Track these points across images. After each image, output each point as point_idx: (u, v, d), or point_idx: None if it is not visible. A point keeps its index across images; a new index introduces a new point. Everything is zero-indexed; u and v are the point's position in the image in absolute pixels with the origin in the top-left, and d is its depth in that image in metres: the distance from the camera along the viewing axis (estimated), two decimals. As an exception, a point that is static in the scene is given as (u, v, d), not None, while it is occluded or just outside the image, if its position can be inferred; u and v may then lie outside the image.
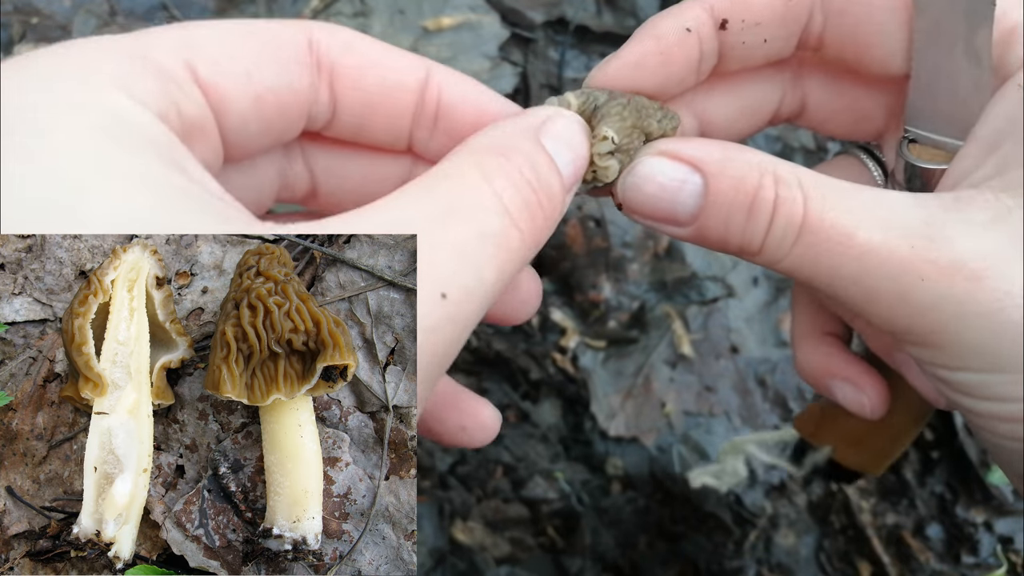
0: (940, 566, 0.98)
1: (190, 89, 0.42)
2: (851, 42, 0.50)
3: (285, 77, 0.45)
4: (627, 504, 0.99)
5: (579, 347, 1.05)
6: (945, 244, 0.42)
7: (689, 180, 0.46)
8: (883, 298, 0.44)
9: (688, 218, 0.47)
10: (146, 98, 0.39)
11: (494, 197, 0.41)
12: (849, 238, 0.43)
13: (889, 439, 0.74)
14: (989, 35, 0.45)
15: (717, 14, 0.49)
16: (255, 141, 0.47)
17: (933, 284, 0.42)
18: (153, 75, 0.40)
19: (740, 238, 0.46)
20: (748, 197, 0.45)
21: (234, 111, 0.44)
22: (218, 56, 0.43)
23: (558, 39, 1.14)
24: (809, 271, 0.45)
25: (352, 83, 0.48)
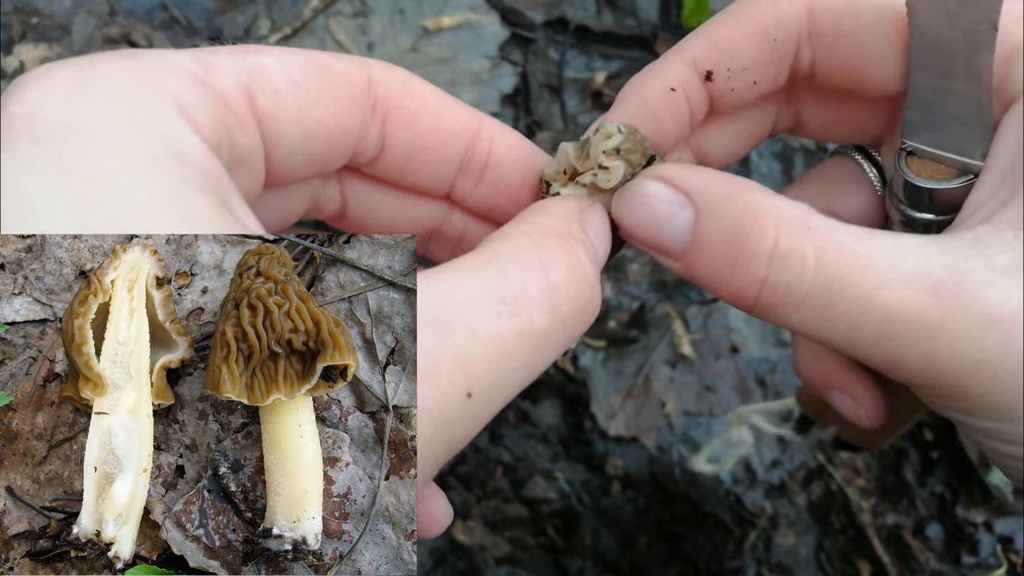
0: (940, 566, 0.98)
1: (246, 119, 0.42)
2: (845, 71, 0.49)
3: (338, 114, 0.45)
4: (627, 504, 0.99)
5: (579, 347, 1.05)
6: (971, 300, 0.40)
7: (680, 213, 0.43)
8: (908, 361, 0.41)
9: (677, 252, 0.44)
10: (203, 126, 0.39)
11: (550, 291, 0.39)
12: (871, 301, 0.40)
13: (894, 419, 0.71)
14: (990, 59, 0.44)
15: (700, 67, 0.48)
16: (299, 171, 0.47)
17: (962, 345, 0.40)
18: (214, 102, 0.40)
19: (728, 287, 0.42)
20: (738, 243, 0.41)
21: (284, 143, 0.44)
22: (278, 87, 0.43)
23: (558, 39, 1.14)
24: (823, 332, 0.42)
25: (405, 125, 0.47)
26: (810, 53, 0.48)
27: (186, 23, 1.12)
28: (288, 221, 0.53)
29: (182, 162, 0.36)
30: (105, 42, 1.08)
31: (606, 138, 0.46)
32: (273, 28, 1.13)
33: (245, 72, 0.42)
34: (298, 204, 0.52)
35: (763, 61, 0.48)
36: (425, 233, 0.55)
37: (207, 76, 0.40)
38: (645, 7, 1.16)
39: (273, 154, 0.44)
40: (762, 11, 0.47)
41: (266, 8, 1.14)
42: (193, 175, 0.36)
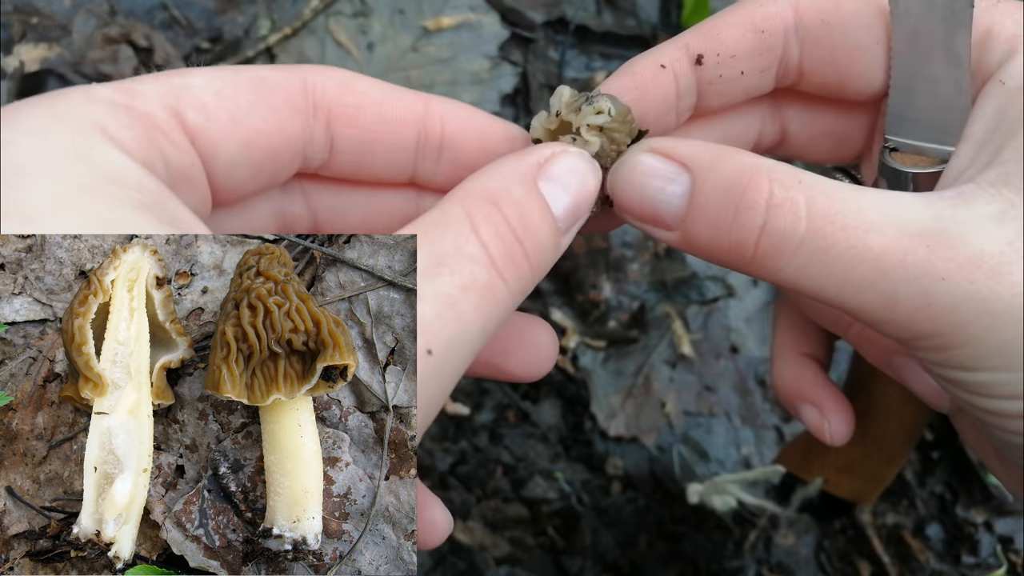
0: (940, 566, 0.98)
1: (177, 137, 0.43)
2: (831, 65, 0.50)
3: (275, 121, 0.46)
4: (627, 504, 0.99)
5: (579, 347, 1.05)
6: (960, 241, 0.42)
7: (676, 179, 0.45)
8: (902, 303, 0.42)
9: (674, 219, 0.45)
10: (131, 146, 0.39)
11: (480, 248, 0.41)
12: (862, 243, 0.41)
13: (883, 461, 0.72)
14: (968, 38, 0.46)
15: (692, 51, 0.50)
16: (246, 185, 0.47)
17: (954, 283, 0.41)
18: (139, 125, 0.41)
19: (728, 242, 0.44)
20: (735, 196, 0.43)
21: (222, 156, 0.45)
22: (206, 102, 0.44)
23: (558, 39, 1.14)
24: (816, 281, 0.43)
25: (350, 121, 0.48)
26: (797, 50, 0.50)
27: (186, 23, 1.12)
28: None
29: (115, 183, 0.37)
30: (105, 42, 1.08)
31: (595, 113, 0.47)
32: (273, 28, 1.13)
33: (169, 93, 0.43)
34: (263, 225, 0.52)
35: (750, 50, 0.50)
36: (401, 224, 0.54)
37: (130, 101, 0.41)
38: (645, 7, 1.16)
39: (214, 169, 0.45)
40: (750, 8, 0.50)
41: (266, 8, 1.14)
42: (128, 194, 0.38)
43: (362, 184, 0.52)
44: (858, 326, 0.59)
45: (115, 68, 1.07)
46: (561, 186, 0.45)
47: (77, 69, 1.07)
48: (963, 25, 0.46)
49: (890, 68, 0.49)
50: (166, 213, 0.39)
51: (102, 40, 1.08)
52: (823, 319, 0.62)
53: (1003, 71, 0.46)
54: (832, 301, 0.44)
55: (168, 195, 0.40)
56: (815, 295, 0.44)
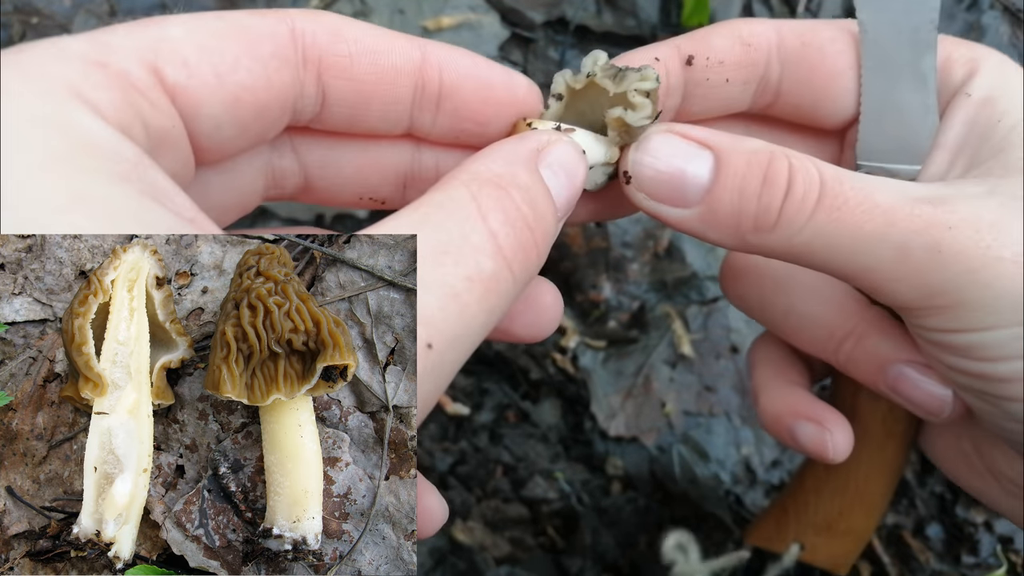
0: (940, 566, 0.98)
1: (156, 97, 0.40)
2: (807, 87, 0.52)
3: (262, 75, 0.43)
4: (627, 504, 0.99)
5: (579, 347, 1.05)
6: (959, 204, 0.45)
7: (700, 155, 0.47)
8: (914, 253, 0.44)
9: (698, 194, 0.47)
10: (107, 110, 0.37)
11: (489, 237, 0.39)
12: (871, 199, 0.45)
13: (864, 513, 0.70)
14: (934, 59, 0.50)
15: (683, 52, 0.51)
16: (232, 143, 0.45)
17: (961, 232, 0.44)
18: (115, 85, 0.38)
19: (756, 208, 0.46)
20: (762, 167, 0.46)
21: (206, 115, 0.42)
22: (187, 57, 0.40)
23: (558, 39, 1.14)
24: (830, 238, 0.45)
25: (342, 73, 0.45)
26: (778, 69, 0.52)
27: (186, 23, 1.12)
28: (247, 203, 0.51)
29: (90, 153, 0.34)
30: (105, 42, 1.09)
31: (642, 80, 0.47)
32: (273, 28, 1.13)
33: (148, 48, 0.39)
34: (251, 182, 0.50)
35: (737, 59, 0.51)
36: (398, 180, 0.53)
37: (104, 57, 0.38)
38: (645, 7, 1.16)
39: (197, 129, 0.42)
40: (738, 24, 0.52)
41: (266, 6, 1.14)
42: (104, 164, 0.34)
43: (355, 137, 0.50)
44: (849, 344, 0.59)
45: (115, 68, 1.07)
46: (558, 173, 0.45)
47: (77, 69, 1.07)
48: (929, 47, 0.50)
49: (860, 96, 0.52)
50: (145, 184, 0.36)
51: (102, 40, 1.08)
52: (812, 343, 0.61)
53: (968, 86, 0.50)
54: (845, 260, 0.46)
55: (147, 163, 0.37)
56: (828, 256, 0.46)
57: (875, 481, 0.68)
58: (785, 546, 0.73)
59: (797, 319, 0.60)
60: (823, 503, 0.70)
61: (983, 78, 0.51)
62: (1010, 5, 1.15)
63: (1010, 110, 0.49)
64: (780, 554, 0.73)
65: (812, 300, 0.58)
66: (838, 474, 0.69)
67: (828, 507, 0.70)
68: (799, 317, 0.60)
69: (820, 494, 0.70)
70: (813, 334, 0.60)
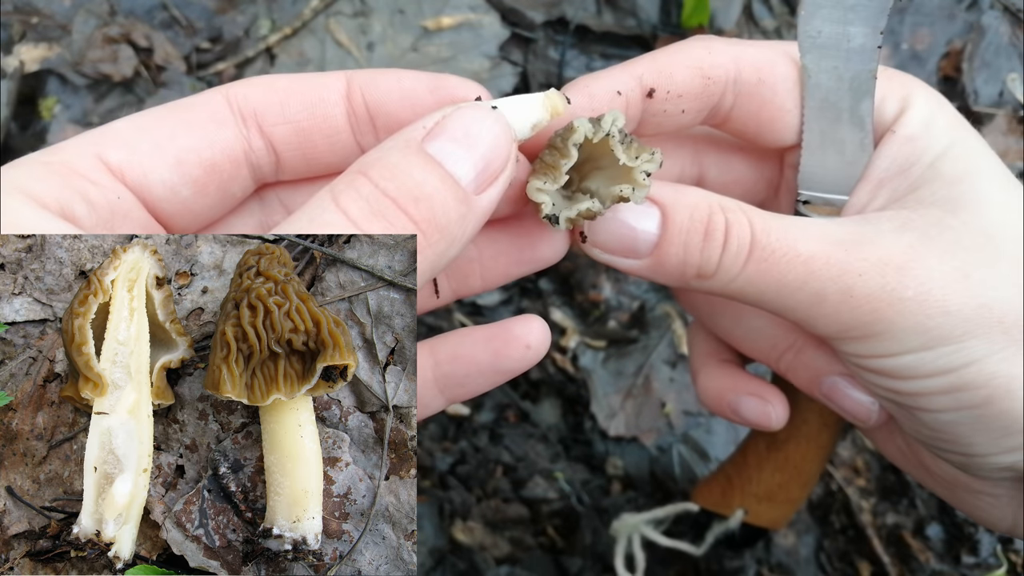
0: (940, 566, 0.98)
1: (99, 176, 0.45)
2: (754, 119, 0.56)
3: (202, 135, 0.48)
4: (627, 504, 0.99)
5: (579, 347, 1.05)
6: (870, 246, 0.50)
7: (647, 212, 0.52)
8: (829, 297, 0.50)
9: (647, 248, 0.52)
10: (47, 199, 0.42)
11: (339, 213, 0.42)
12: (794, 250, 0.50)
13: (800, 485, 0.77)
14: (871, 104, 0.54)
15: (645, 83, 0.53)
16: (197, 204, 0.49)
17: (869, 278, 0.50)
18: (56, 175, 0.43)
19: (698, 260, 0.51)
20: (703, 224, 0.51)
21: (156, 181, 0.47)
22: (126, 138, 0.46)
23: (558, 39, 1.14)
24: (759, 286, 0.51)
25: (279, 119, 0.50)
26: (731, 99, 0.55)
27: (186, 23, 1.12)
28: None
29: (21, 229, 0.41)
30: (105, 42, 1.08)
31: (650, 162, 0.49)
32: (273, 28, 1.13)
33: (91, 141, 0.46)
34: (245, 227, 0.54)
35: (696, 93, 0.54)
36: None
37: (50, 157, 0.45)
38: (645, 7, 1.16)
39: (153, 195, 0.47)
40: (699, 54, 0.54)
41: (266, 8, 1.14)
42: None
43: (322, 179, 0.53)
44: (789, 355, 0.64)
45: (115, 68, 1.07)
46: (457, 143, 0.45)
47: (77, 69, 1.07)
48: (867, 94, 0.54)
49: (801, 129, 0.56)
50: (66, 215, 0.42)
51: (102, 40, 1.08)
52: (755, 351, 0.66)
53: (897, 123, 0.55)
54: (772, 303, 0.52)
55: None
56: (758, 300, 0.52)
57: (811, 460, 0.75)
58: (731, 510, 0.80)
59: (743, 331, 0.65)
60: (764, 478, 0.78)
61: (911, 115, 0.55)
62: (1010, 5, 1.15)
63: (929, 147, 0.54)
64: (725, 516, 0.81)
65: (757, 315, 0.63)
66: (778, 453, 0.76)
67: (769, 481, 0.78)
68: (745, 329, 0.65)
69: (762, 470, 0.78)
70: (757, 344, 0.65)
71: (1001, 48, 1.15)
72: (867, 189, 0.56)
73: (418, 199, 0.43)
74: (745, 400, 0.67)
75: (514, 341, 0.52)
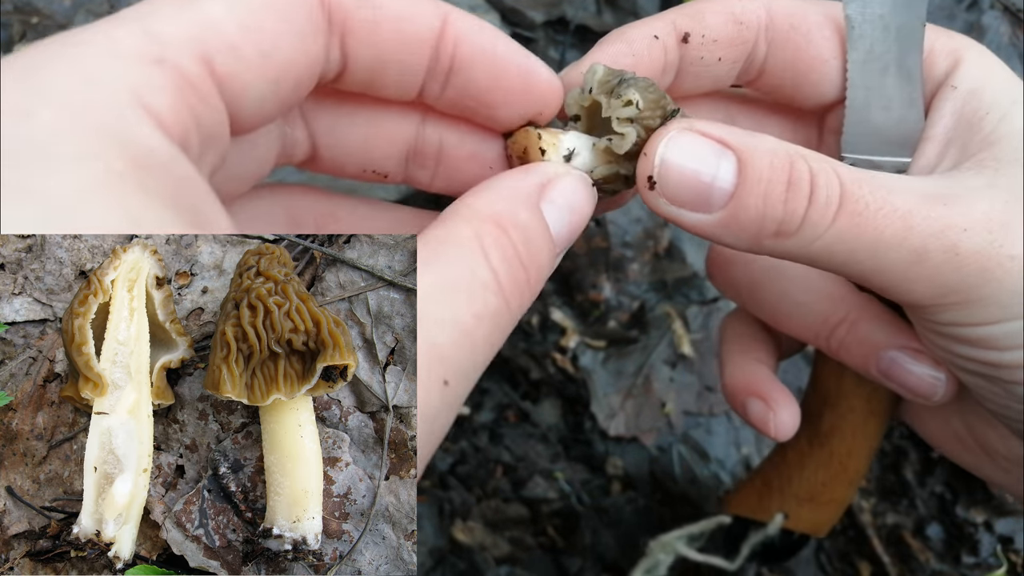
0: (940, 566, 0.98)
1: (209, 92, 0.39)
2: (790, 70, 0.53)
3: (301, 48, 0.42)
4: (627, 504, 0.99)
5: (579, 347, 1.05)
6: (968, 202, 0.46)
7: (722, 159, 0.46)
8: (932, 256, 0.46)
9: (722, 199, 0.46)
10: (167, 118, 0.36)
11: (492, 275, 0.40)
12: (890, 204, 0.45)
13: (847, 483, 0.72)
14: (920, 55, 0.51)
15: (679, 29, 0.51)
16: (268, 116, 0.44)
17: (975, 234, 0.46)
18: (173, 86, 0.36)
19: (780, 213, 0.46)
20: (785, 171, 0.45)
21: (251, 96, 0.41)
22: (233, 40, 0.39)
23: (558, 39, 1.14)
24: (850, 243, 0.46)
25: (365, 39, 0.45)
26: (765, 49, 0.52)
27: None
28: (262, 172, 0.51)
29: (148, 172, 0.33)
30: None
31: (623, 105, 0.46)
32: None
33: (196, 37, 0.38)
34: (267, 152, 0.49)
35: (730, 38, 0.51)
36: (401, 155, 0.53)
37: (160, 53, 0.36)
38: (645, 7, 1.16)
39: (240, 112, 0.41)
40: (730, 1, 0.52)
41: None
42: (160, 185, 0.34)
43: (365, 102, 0.50)
44: (842, 329, 0.59)
45: (115, 68, 1.07)
46: (561, 209, 0.45)
47: (77, 69, 1.07)
48: (916, 45, 0.51)
49: (843, 85, 0.53)
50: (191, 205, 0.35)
51: (102, 40, 1.08)
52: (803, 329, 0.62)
53: (953, 78, 0.51)
54: (863, 263, 0.47)
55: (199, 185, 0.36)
56: (846, 260, 0.47)
57: (857, 455, 0.70)
58: (769, 515, 0.74)
59: (789, 306, 0.61)
60: (807, 476, 0.72)
61: (967, 70, 0.52)
62: (1010, 5, 1.15)
63: (996, 101, 0.51)
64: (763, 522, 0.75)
65: (804, 287, 0.59)
66: (822, 449, 0.71)
67: (812, 480, 0.72)
68: (791, 304, 0.60)
69: (803, 468, 0.72)
70: (805, 320, 0.61)
71: (1001, 48, 1.15)
72: (934, 148, 0.52)
73: (538, 271, 0.43)
74: (753, 402, 0.64)
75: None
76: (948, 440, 0.64)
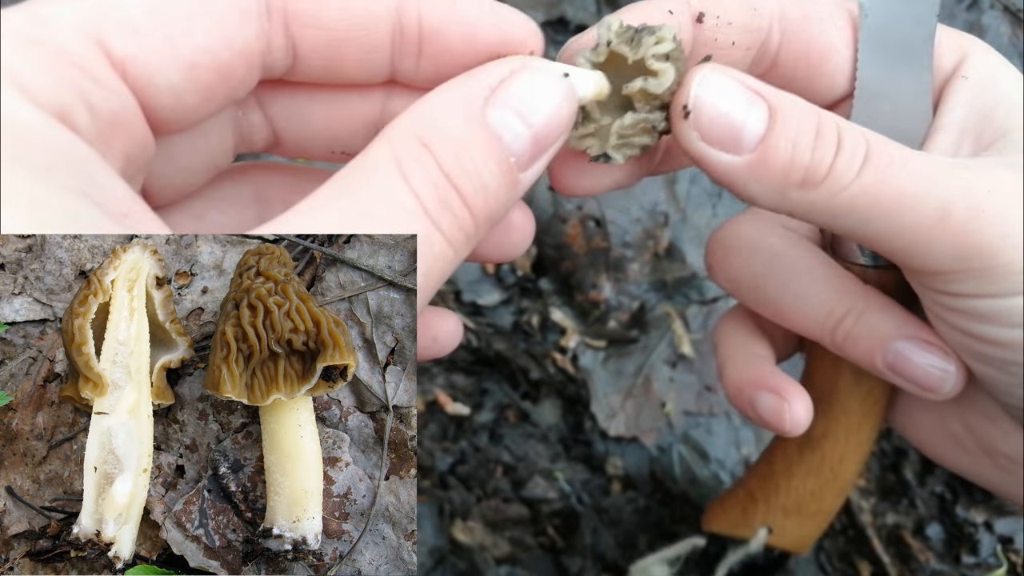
0: (940, 566, 0.98)
1: (102, 74, 0.36)
2: (803, 60, 0.52)
3: (220, 34, 0.39)
4: (627, 504, 0.99)
5: (579, 347, 1.05)
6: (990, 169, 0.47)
7: (755, 102, 0.46)
8: (956, 213, 0.45)
9: (753, 141, 0.45)
10: (43, 96, 0.34)
11: (413, 198, 0.37)
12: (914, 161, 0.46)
13: (836, 492, 0.68)
14: (932, 44, 0.51)
15: (694, 8, 0.49)
16: (196, 112, 0.41)
17: (1001, 195, 0.45)
18: (53, 65, 0.34)
19: (808, 160, 0.45)
20: (814, 124, 0.46)
21: (163, 86, 0.38)
22: (136, 23, 0.37)
23: (558, 39, 1.14)
24: (874, 196, 0.45)
25: (311, 21, 0.41)
26: (779, 37, 0.52)
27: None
28: (219, 163, 0.48)
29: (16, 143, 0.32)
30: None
31: (658, 42, 0.44)
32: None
33: (91, 18, 0.36)
34: (220, 142, 0.47)
35: (745, 22, 0.50)
36: (368, 132, 0.49)
37: (41, 33, 0.35)
38: (645, 7, 1.16)
39: (154, 102, 0.38)
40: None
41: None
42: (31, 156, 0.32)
43: (332, 88, 0.47)
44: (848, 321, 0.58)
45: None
46: (517, 113, 0.40)
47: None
48: (929, 35, 0.51)
49: (853, 75, 0.52)
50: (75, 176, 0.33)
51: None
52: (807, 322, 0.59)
53: (963, 68, 0.52)
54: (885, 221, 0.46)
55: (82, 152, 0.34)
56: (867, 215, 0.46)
57: (849, 461, 0.67)
58: (752, 531, 0.70)
59: (791, 299, 0.59)
60: (795, 485, 0.68)
61: (975, 62, 0.52)
62: (1010, 5, 1.15)
63: (1006, 93, 0.51)
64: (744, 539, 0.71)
65: (809, 278, 0.58)
66: (813, 454, 0.67)
67: (800, 489, 0.68)
68: (793, 297, 0.58)
69: (792, 476, 0.68)
70: (809, 313, 0.59)
71: (1001, 48, 1.15)
72: (948, 138, 0.52)
73: (477, 190, 0.38)
74: (762, 396, 0.60)
75: (425, 331, 0.49)
76: (945, 444, 0.62)
